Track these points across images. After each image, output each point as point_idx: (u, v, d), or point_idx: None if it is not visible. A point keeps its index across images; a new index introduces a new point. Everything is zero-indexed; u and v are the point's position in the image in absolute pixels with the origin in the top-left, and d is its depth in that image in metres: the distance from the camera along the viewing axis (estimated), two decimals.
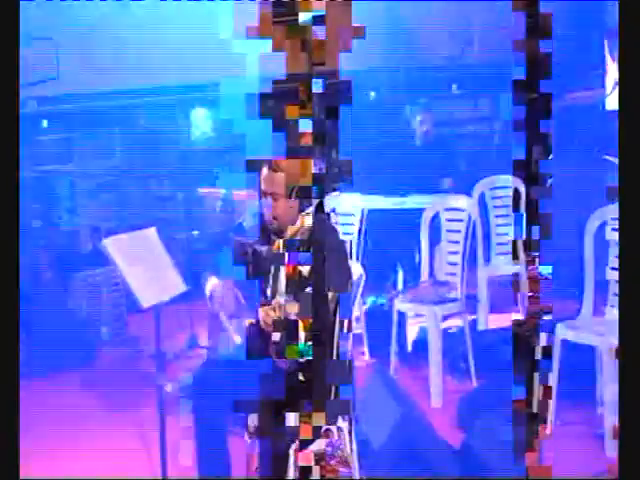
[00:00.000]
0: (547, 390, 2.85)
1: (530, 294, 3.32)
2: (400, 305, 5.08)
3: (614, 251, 4.17)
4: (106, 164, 11.28)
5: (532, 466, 2.97)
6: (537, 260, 3.10)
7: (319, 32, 2.66)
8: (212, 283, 3.49)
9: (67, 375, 5.77)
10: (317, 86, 2.67)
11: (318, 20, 2.66)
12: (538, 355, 3.50)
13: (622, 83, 2.83)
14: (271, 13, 2.67)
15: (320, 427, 2.80)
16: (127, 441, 4.58)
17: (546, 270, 2.84)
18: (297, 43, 2.71)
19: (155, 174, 9.81)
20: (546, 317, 3.02)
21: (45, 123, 10.38)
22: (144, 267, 3.34)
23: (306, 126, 2.65)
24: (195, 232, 8.15)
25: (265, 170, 3.36)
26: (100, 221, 11.53)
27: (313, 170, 2.70)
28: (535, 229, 3.06)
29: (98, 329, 6.55)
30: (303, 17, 2.67)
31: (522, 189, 2.69)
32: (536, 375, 3.54)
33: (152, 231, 3.58)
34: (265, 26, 2.63)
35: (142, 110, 9.86)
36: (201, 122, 11.39)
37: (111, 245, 3.31)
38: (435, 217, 5.38)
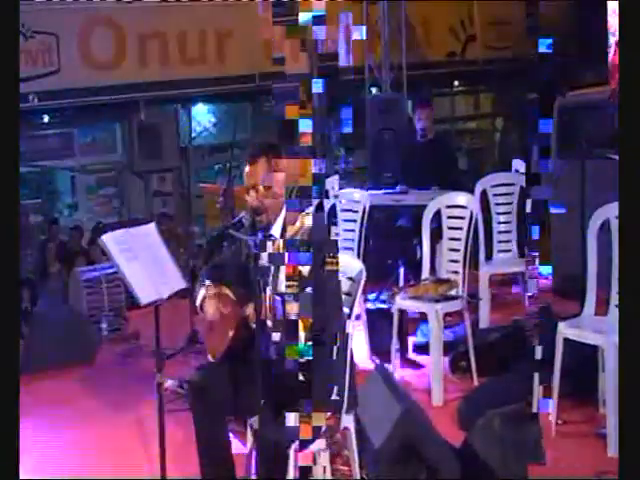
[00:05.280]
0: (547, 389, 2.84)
1: (530, 294, 3.29)
2: (401, 302, 5.05)
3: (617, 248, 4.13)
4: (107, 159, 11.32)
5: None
6: (537, 260, 3.07)
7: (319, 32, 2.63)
8: (203, 294, 3.36)
9: (66, 370, 5.75)
10: (317, 86, 2.65)
11: (318, 20, 2.63)
12: (538, 355, 3.47)
13: (622, 79, 2.80)
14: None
15: (320, 427, 2.77)
16: (126, 437, 4.56)
17: (546, 270, 2.81)
18: (297, 43, 2.69)
19: (155, 169, 9.79)
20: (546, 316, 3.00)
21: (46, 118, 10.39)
22: (143, 263, 3.29)
23: (306, 126, 2.63)
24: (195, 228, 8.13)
25: (247, 167, 3.37)
26: (100, 216, 11.55)
27: (313, 170, 2.68)
28: (535, 229, 3.04)
29: (98, 325, 6.52)
30: (303, 17, 2.64)
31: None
32: (536, 375, 3.51)
33: (151, 227, 3.54)
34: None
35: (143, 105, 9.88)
36: (202, 117, 11.38)
37: (110, 241, 3.27)
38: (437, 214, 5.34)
